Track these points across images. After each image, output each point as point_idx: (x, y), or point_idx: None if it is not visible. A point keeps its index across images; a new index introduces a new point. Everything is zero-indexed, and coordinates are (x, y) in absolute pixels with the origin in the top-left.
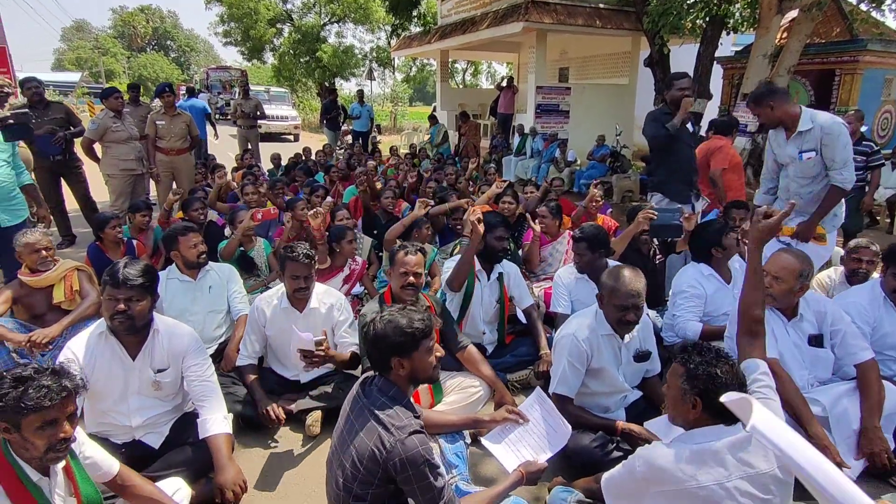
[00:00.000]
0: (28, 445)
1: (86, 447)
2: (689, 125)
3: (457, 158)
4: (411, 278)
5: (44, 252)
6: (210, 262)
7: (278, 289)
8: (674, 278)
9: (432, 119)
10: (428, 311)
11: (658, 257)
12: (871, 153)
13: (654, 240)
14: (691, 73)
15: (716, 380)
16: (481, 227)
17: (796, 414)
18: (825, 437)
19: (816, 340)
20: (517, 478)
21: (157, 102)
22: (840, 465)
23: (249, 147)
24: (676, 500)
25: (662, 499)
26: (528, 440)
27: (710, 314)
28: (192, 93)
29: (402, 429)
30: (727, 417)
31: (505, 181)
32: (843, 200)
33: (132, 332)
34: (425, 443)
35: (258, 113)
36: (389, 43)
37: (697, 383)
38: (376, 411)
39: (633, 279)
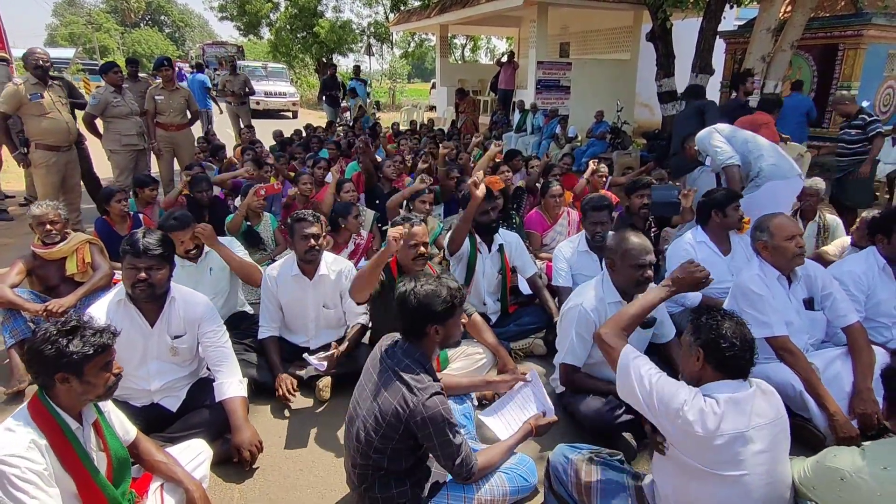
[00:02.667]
0: (88, 388)
1: (109, 406)
2: None
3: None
4: (421, 248)
5: (48, 226)
6: None
7: (288, 258)
8: (671, 249)
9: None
10: (456, 280)
11: (653, 230)
12: (867, 124)
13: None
14: (694, 48)
15: (719, 332)
16: (479, 192)
17: (813, 391)
18: (840, 412)
19: (808, 303)
20: (527, 430)
21: (159, 79)
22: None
23: (242, 123)
24: (698, 445)
25: (686, 440)
26: (520, 417)
27: None
28: (199, 68)
29: (425, 390)
30: (730, 372)
31: (501, 143)
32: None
33: (152, 300)
34: (445, 403)
35: (247, 89)
36: (388, 18)
37: (701, 335)
38: (401, 372)
39: (640, 237)
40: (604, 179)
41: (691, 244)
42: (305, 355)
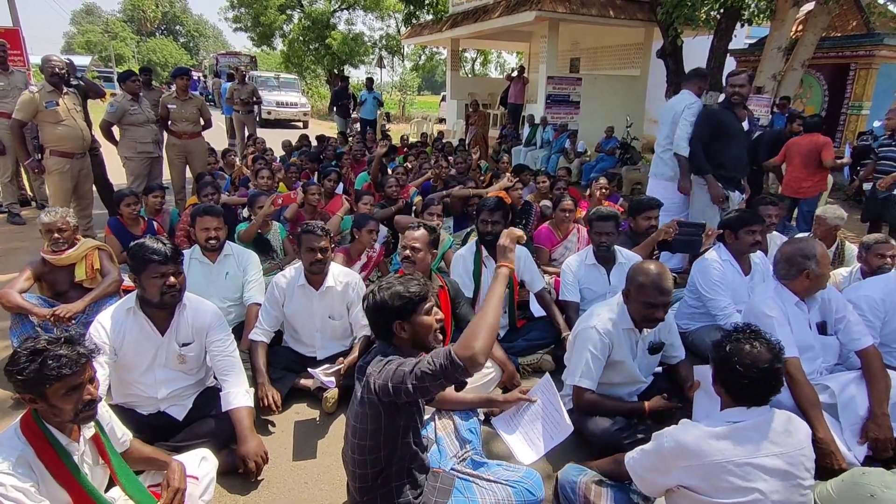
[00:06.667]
0: (56, 411)
1: (112, 419)
2: (746, 123)
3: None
4: (408, 252)
5: (56, 234)
6: (232, 247)
7: (296, 267)
8: (699, 267)
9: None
10: (424, 277)
11: (655, 253)
12: None
13: None
14: (704, 66)
15: (732, 356)
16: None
17: (807, 417)
18: (832, 442)
19: (822, 328)
20: (505, 273)
21: (173, 88)
22: (843, 469)
23: (247, 132)
24: (704, 475)
25: (690, 474)
26: (535, 426)
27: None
28: (230, 77)
29: (379, 364)
30: (747, 400)
31: (516, 179)
32: None
33: (176, 305)
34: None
35: (254, 99)
36: (399, 31)
37: (716, 355)
38: (368, 368)
39: (664, 277)
40: (605, 192)
41: (719, 262)
42: (311, 370)
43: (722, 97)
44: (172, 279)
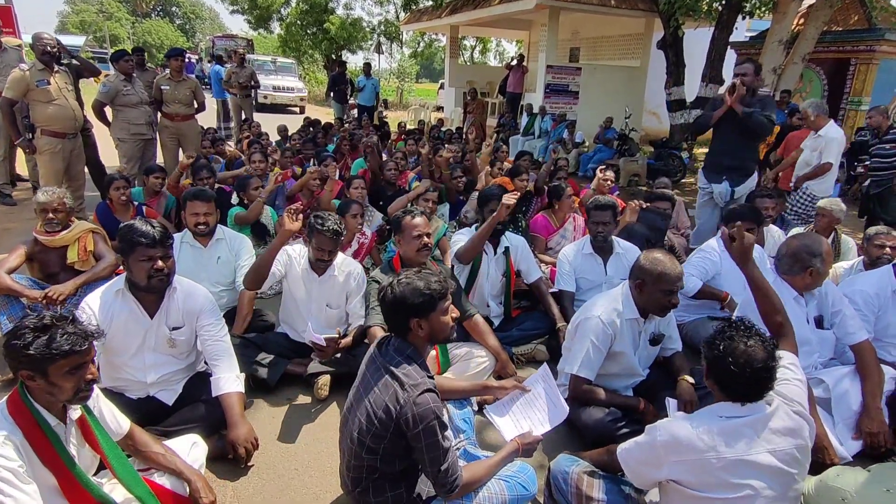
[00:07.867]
0: (54, 390)
1: (100, 401)
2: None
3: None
4: (426, 239)
5: (51, 214)
6: (224, 231)
7: (303, 249)
8: (698, 250)
9: None
10: (444, 273)
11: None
12: None
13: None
14: (705, 58)
15: (724, 367)
16: (505, 211)
17: None
18: (825, 437)
19: (819, 322)
20: (514, 448)
21: (167, 69)
22: (835, 464)
23: (244, 116)
24: (696, 470)
25: (682, 468)
26: (528, 414)
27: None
28: (219, 60)
29: (416, 386)
30: (740, 397)
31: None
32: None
33: (164, 289)
34: (437, 401)
35: (252, 82)
36: (398, 16)
37: (709, 350)
38: (392, 368)
39: (674, 261)
40: (610, 184)
41: (718, 252)
42: (309, 328)
43: (722, 89)
44: (160, 263)
